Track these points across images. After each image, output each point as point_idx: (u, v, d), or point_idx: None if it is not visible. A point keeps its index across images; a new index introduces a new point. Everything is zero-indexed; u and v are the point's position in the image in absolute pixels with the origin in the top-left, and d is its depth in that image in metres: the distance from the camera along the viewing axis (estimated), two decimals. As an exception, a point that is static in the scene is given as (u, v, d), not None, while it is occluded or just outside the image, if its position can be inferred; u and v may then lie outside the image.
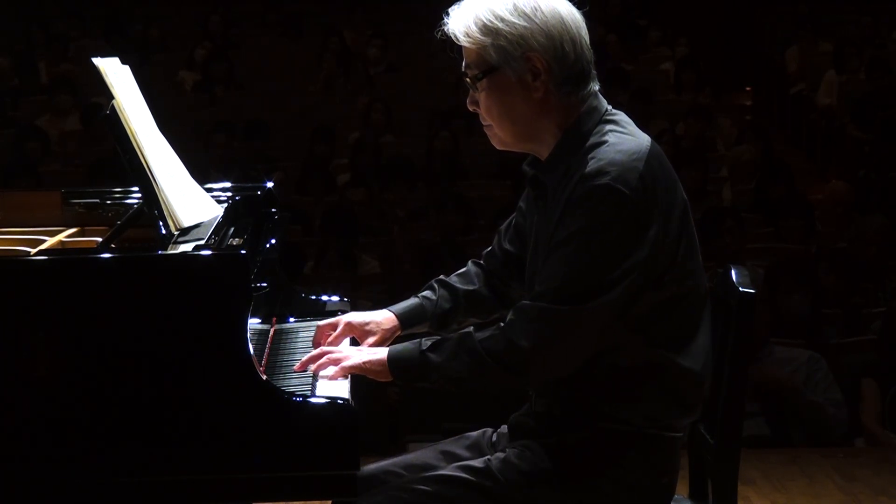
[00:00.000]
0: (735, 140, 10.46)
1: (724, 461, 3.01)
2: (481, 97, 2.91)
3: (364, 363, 2.93)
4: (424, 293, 3.19)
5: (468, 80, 2.92)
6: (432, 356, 2.85)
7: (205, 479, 2.71)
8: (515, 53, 2.85)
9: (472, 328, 2.90)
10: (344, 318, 3.18)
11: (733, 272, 3.07)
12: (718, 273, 3.15)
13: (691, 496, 3.18)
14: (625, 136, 2.85)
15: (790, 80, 12.62)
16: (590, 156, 2.82)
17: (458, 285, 3.19)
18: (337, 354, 2.98)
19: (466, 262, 3.28)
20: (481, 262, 3.23)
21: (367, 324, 3.14)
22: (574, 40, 2.87)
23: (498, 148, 3.00)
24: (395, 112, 10.73)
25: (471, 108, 2.97)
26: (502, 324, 2.83)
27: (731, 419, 3.00)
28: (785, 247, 7.92)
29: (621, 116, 2.93)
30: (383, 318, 3.16)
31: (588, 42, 2.91)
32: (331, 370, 2.96)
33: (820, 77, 11.90)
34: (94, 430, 2.70)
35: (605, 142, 2.83)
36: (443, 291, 3.17)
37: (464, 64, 2.93)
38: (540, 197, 2.95)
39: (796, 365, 6.06)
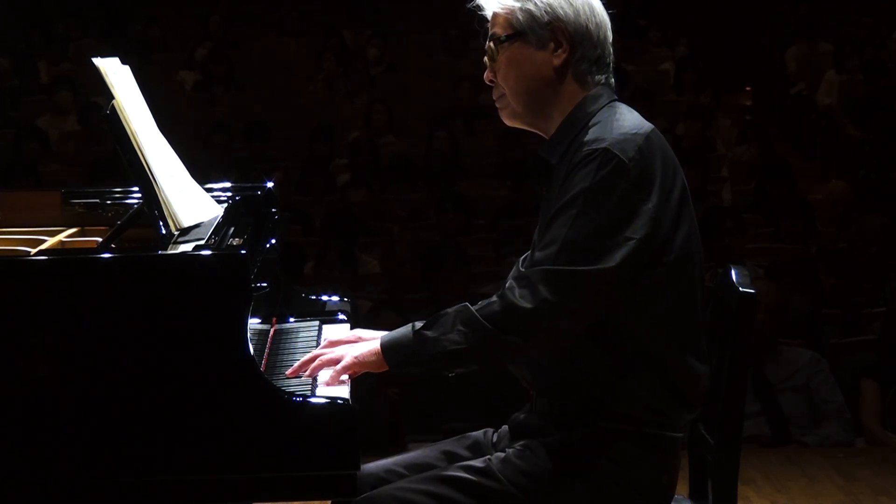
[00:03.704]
0: (735, 140, 10.46)
1: (724, 461, 3.00)
2: (500, 64, 2.95)
3: (357, 357, 2.93)
4: None
5: (491, 46, 2.96)
6: (427, 333, 2.85)
7: (205, 479, 2.70)
8: (542, 20, 2.90)
9: (467, 303, 2.91)
10: (356, 332, 3.17)
11: (733, 272, 3.06)
12: (718, 273, 3.15)
13: (691, 496, 3.18)
14: (627, 116, 2.90)
15: (790, 80, 12.62)
16: (590, 129, 2.86)
17: None
18: (329, 355, 2.98)
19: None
20: None
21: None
22: (599, 26, 2.94)
23: (507, 122, 3.04)
24: (395, 112, 10.72)
25: (487, 80, 3.00)
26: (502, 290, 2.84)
27: (731, 419, 3.00)
28: (785, 247, 7.92)
29: (626, 106, 2.97)
30: None
31: (611, 40, 2.96)
32: (327, 375, 2.95)
33: (820, 77, 11.90)
34: (94, 430, 2.70)
35: (605, 119, 2.89)
36: None
37: (490, 32, 2.97)
38: (544, 182, 2.97)
39: (798, 365, 6.06)
